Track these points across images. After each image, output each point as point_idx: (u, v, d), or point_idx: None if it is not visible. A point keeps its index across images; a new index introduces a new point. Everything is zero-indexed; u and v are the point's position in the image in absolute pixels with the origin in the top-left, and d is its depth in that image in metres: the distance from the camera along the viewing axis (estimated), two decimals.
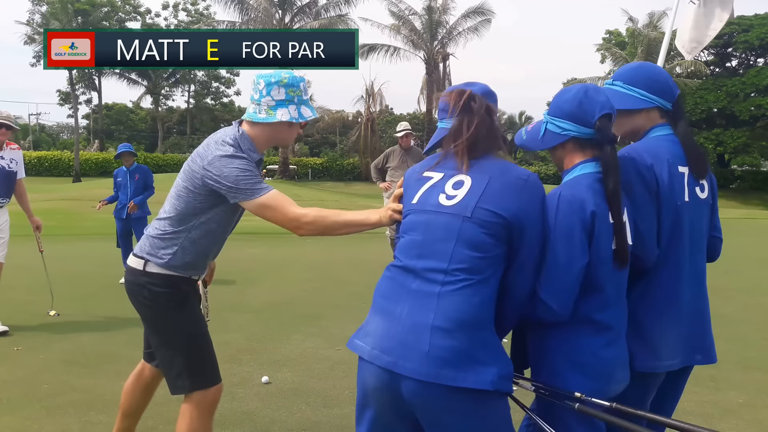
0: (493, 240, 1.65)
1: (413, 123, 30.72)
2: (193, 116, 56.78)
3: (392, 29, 37.36)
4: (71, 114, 49.56)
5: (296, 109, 2.33)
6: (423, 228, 1.72)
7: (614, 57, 40.87)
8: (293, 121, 2.34)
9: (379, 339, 1.68)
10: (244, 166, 2.22)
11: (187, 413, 2.39)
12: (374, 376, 1.68)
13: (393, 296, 1.70)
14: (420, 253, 1.69)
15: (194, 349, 2.40)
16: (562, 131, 1.82)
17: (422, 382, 1.58)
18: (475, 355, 1.60)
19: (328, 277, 7.68)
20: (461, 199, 1.68)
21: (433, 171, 1.80)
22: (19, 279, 7.12)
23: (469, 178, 1.71)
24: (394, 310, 1.67)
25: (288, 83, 2.32)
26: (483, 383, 1.58)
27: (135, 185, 7.25)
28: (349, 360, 4.38)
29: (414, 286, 1.66)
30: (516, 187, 1.69)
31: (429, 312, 1.61)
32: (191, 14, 52.86)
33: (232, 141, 2.28)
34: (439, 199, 1.72)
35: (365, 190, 36.90)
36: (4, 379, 3.93)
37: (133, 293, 2.43)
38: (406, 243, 1.75)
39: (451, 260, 1.64)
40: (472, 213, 1.65)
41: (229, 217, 2.43)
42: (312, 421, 3.35)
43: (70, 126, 61.59)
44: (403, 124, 8.17)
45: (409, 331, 1.62)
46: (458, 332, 1.60)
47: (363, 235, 12.95)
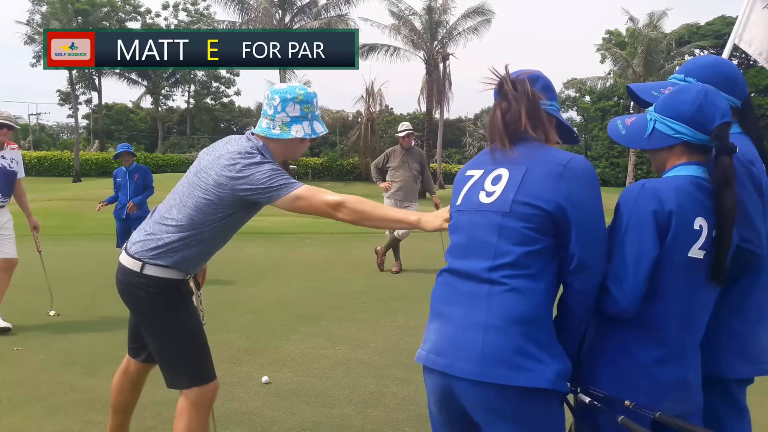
0: (537, 234, 1.58)
1: (413, 123, 30.81)
2: (193, 116, 56.77)
3: (392, 29, 37.33)
4: (71, 114, 49.55)
5: (309, 125, 2.40)
6: (467, 228, 1.69)
7: (614, 57, 40.82)
8: (306, 137, 2.40)
9: (434, 343, 1.66)
10: (273, 167, 2.27)
11: (185, 411, 2.40)
12: (432, 380, 1.68)
13: (447, 300, 1.68)
14: (466, 253, 1.66)
15: (192, 347, 2.42)
16: (674, 133, 1.69)
17: (476, 382, 1.55)
18: (529, 353, 1.54)
19: (328, 277, 7.68)
20: (499, 195, 1.63)
21: (475, 168, 1.75)
22: (19, 279, 7.11)
23: (507, 171, 1.65)
24: (449, 313, 1.65)
25: (303, 100, 2.38)
26: (538, 381, 1.52)
27: (134, 185, 7.25)
28: (349, 360, 4.38)
29: (465, 288, 1.63)
30: (554, 175, 1.59)
31: (481, 311, 1.58)
32: (191, 14, 52.88)
33: (257, 150, 2.30)
34: (479, 197, 1.68)
35: (365, 190, 36.86)
36: (4, 379, 3.93)
37: (128, 293, 2.40)
38: (453, 245, 1.73)
39: (495, 257, 1.59)
40: (511, 208, 1.59)
41: (245, 219, 2.46)
42: (312, 421, 3.35)
43: (70, 126, 61.60)
44: (404, 124, 8.17)
45: (462, 332, 1.59)
46: (511, 329, 1.55)
47: (363, 235, 12.91)
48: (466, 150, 66.41)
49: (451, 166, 51.61)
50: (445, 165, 49.92)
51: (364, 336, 4.98)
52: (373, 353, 4.54)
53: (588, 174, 1.62)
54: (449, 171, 49.12)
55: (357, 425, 3.31)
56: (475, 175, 1.73)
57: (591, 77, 44.71)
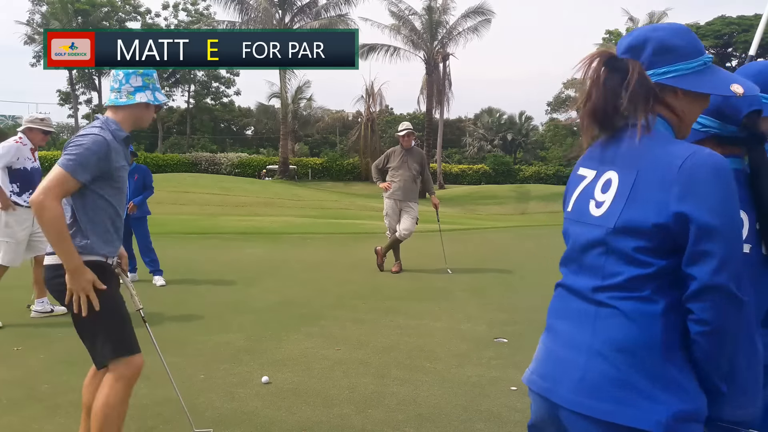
0: (650, 255, 1.34)
1: (413, 123, 30.72)
2: (193, 116, 56.79)
3: (392, 29, 37.38)
4: (71, 114, 49.63)
5: (152, 93, 2.77)
6: (577, 241, 1.50)
7: None
8: (150, 102, 2.76)
9: (538, 362, 1.54)
10: (88, 143, 2.55)
11: (107, 384, 2.61)
12: (535, 402, 1.54)
13: (558, 313, 1.53)
14: (576, 268, 1.50)
15: (112, 318, 2.64)
16: (701, 128, 1.61)
17: (576, 413, 1.38)
18: (636, 386, 1.32)
19: (328, 277, 7.68)
20: (608, 207, 1.41)
21: (588, 167, 1.52)
22: (20, 279, 7.12)
23: (617, 175, 1.41)
24: (558, 327, 1.51)
25: (144, 73, 2.78)
26: (644, 422, 1.29)
27: (134, 185, 7.25)
28: (348, 360, 4.38)
29: (574, 305, 1.47)
30: (669, 180, 1.31)
31: (586, 332, 1.41)
32: (191, 14, 52.91)
33: (99, 123, 2.67)
34: (589, 207, 1.47)
35: (365, 190, 36.87)
36: (4, 379, 3.93)
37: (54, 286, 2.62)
38: (565, 256, 1.56)
39: (604, 278, 1.40)
40: (618, 225, 1.37)
41: (109, 189, 2.65)
42: (312, 421, 3.35)
43: (70, 126, 61.56)
44: (404, 124, 8.17)
45: (566, 352, 1.45)
46: (616, 357, 1.35)
47: (363, 235, 12.91)
48: (466, 150, 66.43)
49: (451, 166, 51.61)
50: (445, 165, 49.92)
51: (364, 336, 4.98)
52: (373, 353, 4.54)
53: (713, 174, 1.30)
54: (449, 171, 49.14)
55: (357, 425, 3.31)
56: (587, 177, 1.51)
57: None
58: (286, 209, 21.72)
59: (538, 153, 65.86)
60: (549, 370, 1.47)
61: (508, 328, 5.24)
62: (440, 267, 8.14)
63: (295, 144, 52.59)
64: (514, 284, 7.28)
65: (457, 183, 47.99)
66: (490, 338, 4.94)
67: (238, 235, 12.19)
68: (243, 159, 46.53)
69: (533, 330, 5.17)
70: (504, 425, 3.32)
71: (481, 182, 48.17)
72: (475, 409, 3.52)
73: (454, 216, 20.87)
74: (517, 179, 48.96)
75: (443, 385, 3.90)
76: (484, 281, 7.44)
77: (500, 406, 3.56)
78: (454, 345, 4.73)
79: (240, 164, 45.18)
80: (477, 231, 14.61)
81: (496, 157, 54.58)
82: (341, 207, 24.54)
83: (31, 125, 5.46)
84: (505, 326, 5.29)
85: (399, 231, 7.88)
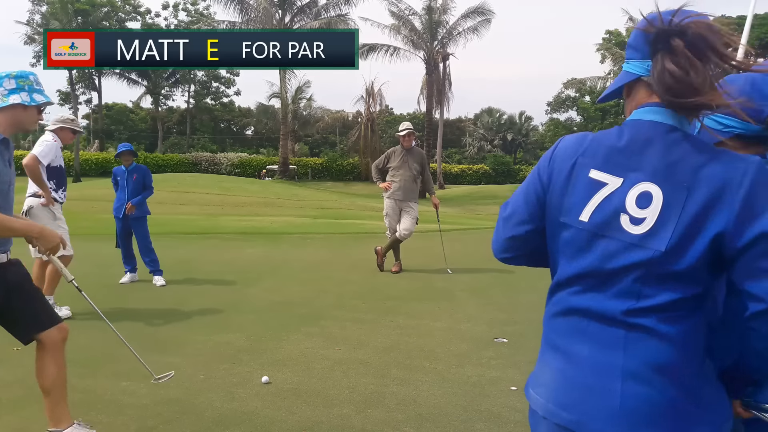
0: (701, 273, 1.24)
1: (413, 123, 30.66)
2: (193, 116, 56.78)
3: (392, 29, 37.38)
4: (71, 114, 49.46)
5: (28, 95, 2.81)
6: (598, 258, 1.31)
7: (614, 57, 40.85)
8: (26, 104, 2.80)
9: (555, 390, 1.35)
10: None
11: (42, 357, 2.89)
12: None
13: (569, 335, 1.35)
14: (594, 287, 1.32)
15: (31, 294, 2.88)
16: (723, 128, 1.53)
17: None
18: (684, 410, 1.23)
19: (328, 277, 7.67)
20: (652, 226, 1.25)
21: (607, 171, 1.32)
22: None
23: (659, 190, 1.25)
24: (572, 350, 1.34)
25: (17, 75, 2.83)
26: None
27: (134, 185, 7.24)
28: (348, 360, 4.38)
29: (593, 327, 1.31)
30: (729, 197, 1.20)
31: (615, 356, 1.27)
32: (191, 14, 52.92)
33: None
34: (620, 221, 1.28)
35: (365, 190, 36.89)
36: (4, 379, 3.93)
37: None
38: (573, 272, 1.35)
39: (639, 299, 1.26)
40: (669, 248, 1.22)
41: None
42: (312, 421, 3.35)
43: None
44: (405, 124, 8.17)
45: (593, 378, 1.29)
46: (658, 379, 1.23)
47: (363, 235, 12.92)
48: (466, 150, 66.46)
49: (451, 166, 51.64)
50: (445, 165, 49.95)
51: (364, 336, 4.98)
52: (373, 353, 4.54)
53: None
54: (449, 171, 49.16)
55: (357, 425, 3.31)
56: (609, 184, 1.31)
57: (591, 77, 44.82)
58: (286, 209, 21.70)
59: (538, 153, 65.88)
60: (573, 400, 1.31)
61: (508, 328, 5.24)
62: (440, 267, 8.14)
63: (295, 144, 52.62)
64: (514, 284, 7.28)
65: (457, 183, 48.03)
66: (490, 338, 4.94)
67: (238, 235, 12.19)
68: (243, 159, 46.56)
69: (533, 330, 5.18)
70: (504, 425, 3.32)
71: (481, 182, 48.22)
72: (475, 409, 3.52)
73: (454, 216, 20.87)
74: (517, 179, 49.01)
75: (443, 385, 3.90)
76: (484, 281, 7.44)
77: (500, 406, 3.56)
78: (454, 345, 4.73)
79: (240, 164, 45.20)
80: (477, 231, 14.61)
81: (496, 157, 54.63)
82: (341, 207, 24.53)
83: (63, 125, 5.70)
84: (505, 326, 5.29)
85: (399, 231, 7.88)
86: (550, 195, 1.39)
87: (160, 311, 5.74)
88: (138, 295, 6.46)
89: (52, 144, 5.52)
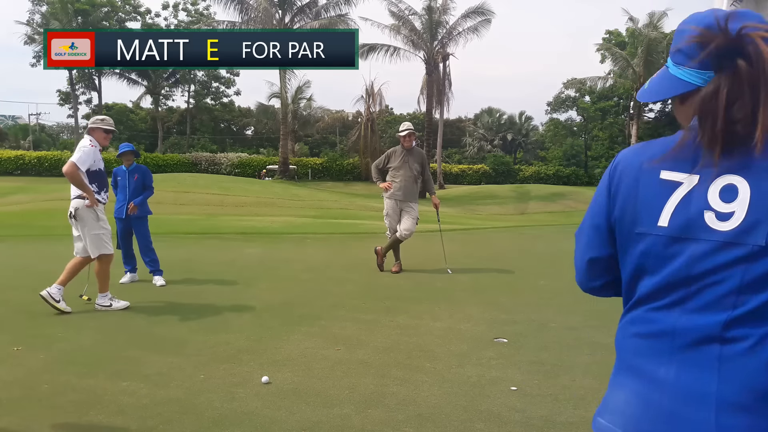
0: None
1: (413, 123, 30.68)
2: (193, 116, 56.78)
3: (392, 29, 37.38)
4: (71, 114, 49.59)
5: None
6: (684, 263, 1.17)
7: (614, 57, 40.87)
8: None
9: (634, 418, 1.20)
10: None
11: None
12: None
13: (648, 354, 1.21)
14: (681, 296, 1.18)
15: None
16: None
17: None
18: None
19: (328, 277, 7.67)
20: (743, 218, 1.12)
21: (677, 170, 1.19)
22: (19, 279, 7.11)
23: (745, 181, 1.13)
24: (652, 372, 1.19)
25: None
26: None
27: (134, 185, 7.25)
28: (348, 360, 4.38)
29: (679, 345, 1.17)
30: None
31: (708, 381, 1.12)
32: (191, 14, 52.93)
33: None
34: (704, 219, 1.15)
35: (365, 190, 36.88)
36: (4, 379, 3.93)
37: None
38: (656, 283, 1.21)
39: (736, 306, 1.12)
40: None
41: None
42: (312, 421, 3.35)
43: (70, 126, 61.60)
44: (406, 124, 8.17)
45: (680, 407, 1.14)
46: (761, 406, 1.09)
47: (363, 235, 12.90)
48: (466, 150, 66.44)
49: (451, 166, 51.63)
50: (445, 165, 49.94)
51: (364, 336, 4.98)
52: (373, 353, 4.54)
53: None
54: (449, 171, 49.15)
55: (357, 425, 3.31)
56: (684, 183, 1.19)
57: (591, 77, 44.80)
58: (286, 209, 21.72)
59: (538, 153, 65.89)
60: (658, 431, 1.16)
61: (508, 328, 5.24)
62: (440, 267, 8.14)
63: (295, 144, 52.59)
64: (514, 284, 7.27)
65: (457, 183, 48.03)
66: (490, 338, 4.94)
67: (238, 235, 12.19)
68: (243, 159, 46.56)
69: (533, 330, 5.18)
70: (504, 425, 3.32)
71: (481, 182, 48.21)
72: (475, 409, 3.52)
73: (454, 216, 20.87)
74: (517, 179, 49.00)
75: (443, 385, 3.90)
76: (484, 281, 7.44)
77: (500, 406, 3.56)
78: (454, 345, 4.72)
79: (240, 164, 45.20)
80: (477, 231, 14.62)
81: (496, 157, 54.62)
82: (341, 207, 24.53)
83: (93, 125, 5.88)
84: (505, 326, 5.29)
85: (399, 231, 7.88)
86: (619, 210, 1.27)
87: (160, 311, 5.74)
88: (138, 295, 6.46)
89: (89, 149, 5.66)
